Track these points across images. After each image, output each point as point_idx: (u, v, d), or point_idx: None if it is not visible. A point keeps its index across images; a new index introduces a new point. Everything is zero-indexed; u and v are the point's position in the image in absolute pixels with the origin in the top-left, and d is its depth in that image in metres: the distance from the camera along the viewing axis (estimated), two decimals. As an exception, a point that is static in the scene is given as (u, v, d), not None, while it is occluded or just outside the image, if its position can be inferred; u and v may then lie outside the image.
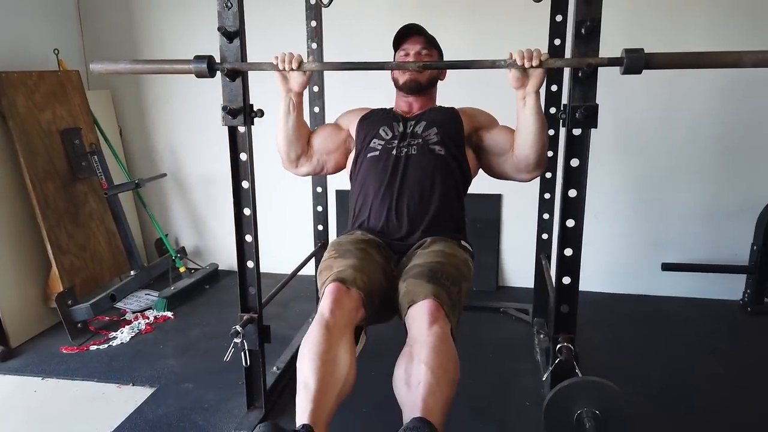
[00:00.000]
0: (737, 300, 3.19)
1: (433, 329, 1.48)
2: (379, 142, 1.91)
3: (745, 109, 3.05)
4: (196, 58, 1.70)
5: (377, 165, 1.89)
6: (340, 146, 2.04)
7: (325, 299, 1.58)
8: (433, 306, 1.53)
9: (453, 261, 1.74)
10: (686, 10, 2.98)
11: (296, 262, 2.74)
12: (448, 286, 1.62)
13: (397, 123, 1.91)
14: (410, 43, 1.98)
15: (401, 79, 1.96)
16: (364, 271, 1.67)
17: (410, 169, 1.85)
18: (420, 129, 1.89)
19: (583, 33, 1.54)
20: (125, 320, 3.01)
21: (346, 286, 1.60)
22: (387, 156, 1.87)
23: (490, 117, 1.98)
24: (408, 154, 1.86)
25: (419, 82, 1.94)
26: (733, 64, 1.49)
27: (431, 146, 1.87)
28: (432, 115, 1.93)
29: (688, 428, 2.08)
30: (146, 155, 3.80)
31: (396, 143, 1.87)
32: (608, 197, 3.21)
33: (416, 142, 1.87)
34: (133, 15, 3.58)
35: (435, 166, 1.86)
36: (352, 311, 1.58)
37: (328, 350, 1.46)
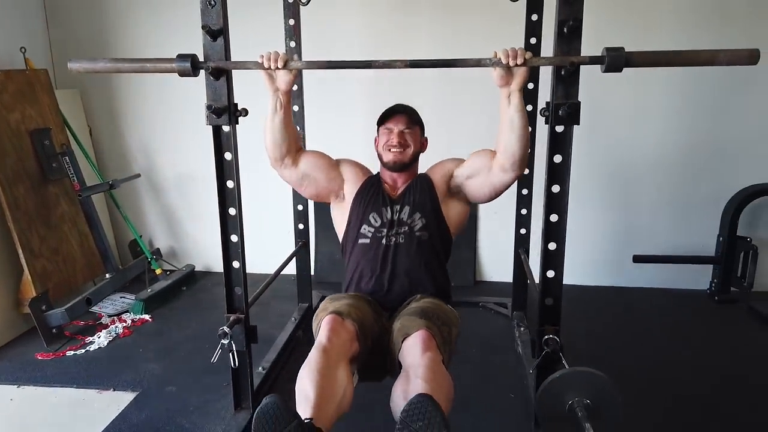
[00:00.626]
0: (705, 290, 3.31)
1: (426, 354, 1.55)
2: (369, 229, 1.98)
3: (711, 106, 3.17)
4: (179, 56, 1.68)
5: (368, 253, 1.97)
6: (326, 181, 2.04)
7: (322, 330, 1.65)
8: (426, 335, 1.62)
9: (442, 309, 1.86)
10: (654, 10, 3.08)
11: (274, 260, 2.73)
12: (439, 324, 1.72)
13: (386, 209, 1.98)
14: (393, 121, 2.04)
15: (385, 156, 2.02)
16: (358, 308, 1.77)
17: (399, 257, 1.94)
18: (405, 215, 1.97)
19: (565, 32, 1.58)
20: (101, 324, 2.95)
21: (341, 317, 1.68)
22: (377, 245, 1.95)
23: (454, 159, 2.05)
24: (396, 243, 1.95)
25: (403, 161, 2.01)
26: (708, 62, 1.54)
27: (417, 233, 1.95)
28: (414, 196, 2.00)
29: (662, 413, 2.15)
30: (118, 155, 3.73)
31: (385, 232, 1.96)
32: (580, 192, 3.27)
33: (403, 230, 1.95)
34: (103, 13, 3.50)
35: (422, 253, 1.95)
36: (347, 342, 1.65)
37: (327, 368, 1.51)
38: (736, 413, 2.16)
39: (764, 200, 3.14)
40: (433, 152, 3.31)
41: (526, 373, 2.27)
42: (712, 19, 3.05)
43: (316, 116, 2.97)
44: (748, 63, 1.53)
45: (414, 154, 2.03)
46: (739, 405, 2.21)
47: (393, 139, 2.00)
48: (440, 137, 3.36)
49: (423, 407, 1.33)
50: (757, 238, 3.14)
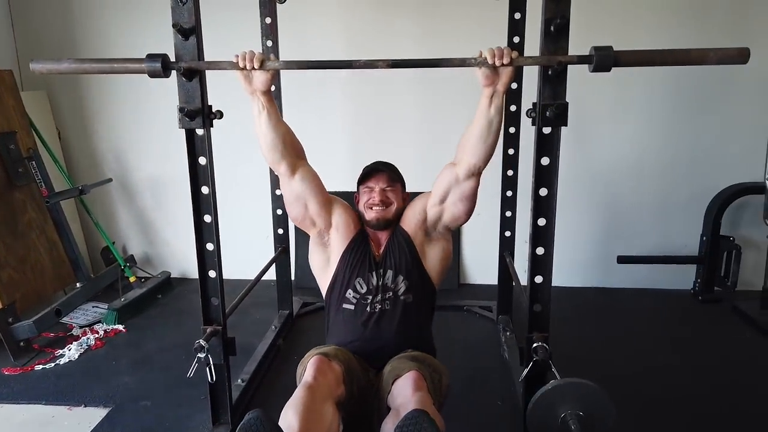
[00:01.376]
0: (689, 289, 3.30)
1: (417, 394, 1.50)
2: (354, 295, 1.92)
3: (693, 104, 3.16)
4: (149, 56, 1.59)
5: (353, 321, 1.91)
6: (316, 213, 1.94)
7: (308, 370, 1.60)
8: (417, 376, 1.58)
9: (433, 360, 1.83)
10: (638, 9, 3.06)
11: (252, 266, 2.66)
12: (430, 371, 1.68)
13: (371, 274, 1.93)
14: (374, 180, 1.98)
15: (368, 215, 1.96)
16: (344, 353, 1.75)
17: (384, 323, 1.89)
18: (389, 280, 1.92)
19: (552, 30, 1.53)
20: (72, 336, 2.83)
21: (328, 358, 1.64)
22: (362, 312, 1.91)
23: (420, 197, 1.98)
24: (382, 309, 1.90)
25: (386, 218, 1.96)
26: (699, 61, 1.51)
27: (401, 297, 1.91)
28: (394, 257, 1.94)
29: (648, 413, 2.13)
30: (89, 159, 3.60)
31: (370, 299, 1.91)
32: (563, 194, 3.23)
33: (388, 296, 1.91)
34: (71, 11, 3.38)
35: (408, 314, 1.91)
36: (333, 382, 1.60)
37: (312, 403, 1.47)
38: (723, 413, 2.13)
39: (746, 199, 3.14)
40: (417, 152, 3.28)
41: (514, 379, 2.22)
42: (696, 18, 3.04)
43: (297, 117, 2.90)
44: (738, 62, 1.50)
45: (396, 212, 1.98)
46: (725, 404, 2.19)
47: (375, 198, 1.95)
48: (423, 136, 3.35)
49: (418, 422, 1.31)
50: (739, 238, 3.15)
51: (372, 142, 3.35)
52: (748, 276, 3.24)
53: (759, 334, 2.78)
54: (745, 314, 2.94)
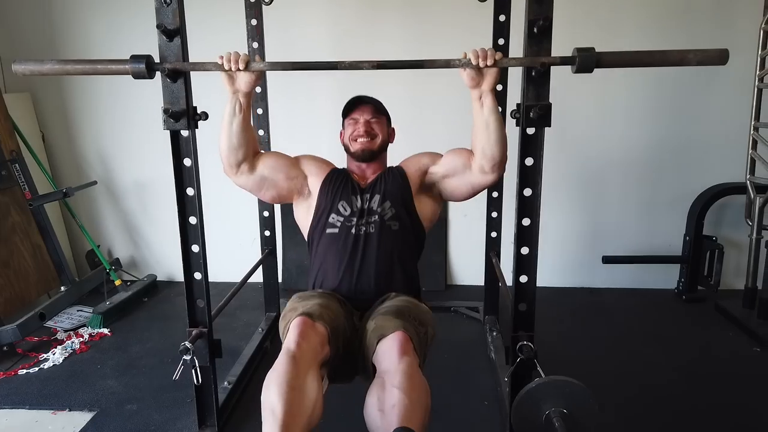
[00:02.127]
0: (672, 289, 3.34)
1: (404, 359, 1.47)
2: (337, 218, 1.89)
3: (676, 106, 3.20)
4: (133, 57, 1.59)
5: (336, 243, 1.88)
6: (288, 181, 1.93)
7: (291, 333, 1.53)
8: (402, 338, 1.53)
9: (418, 308, 1.77)
10: (621, 10, 3.10)
11: (240, 268, 2.65)
12: (416, 325, 1.65)
13: (355, 197, 1.90)
14: (359, 111, 1.97)
15: (353, 146, 1.95)
16: (329, 309, 1.67)
17: (369, 247, 1.85)
18: (375, 204, 1.89)
19: (535, 32, 1.55)
20: (57, 340, 2.80)
21: (312, 319, 1.57)
22: (346, 235, 1.86)
23: (430, 154, 1.98)
24: (367, 232, 1.86)
25: (371, 149, 1.94)
26: (678, 62, 1.53)
27: (387, 222, 1.88)
28: (384, 185, 1.92)
29: (634, 412, 2.14)
30: (73, 162, 3.57)
31: (354, 221, 1.87)
32: (549, 194, 3.26)
33: (373, 219, 1.87)
34: (52, 13, 3.35)
35: (393, 244, 1.87)
36: (318, 346, 1.54)
37: (295, 379, 1.41)
38: (706, 410, 2.16)
39: (728, 200, 3.19)
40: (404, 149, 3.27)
41: (500, 379, 2.23)
42: (679, 20, 3.09)
43: (283, 118, 2.90)
44: (717, 63, 1.52)
45: (382, 144, 1.96)
46: (708, 401, 2.21)
47: (360, 129, 1.93)
48: (410, 135, 3.34)
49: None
50: (722, 238, 3.19)
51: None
52: (731, 275, 3.29)
53: (741, 332, 2.81)
54: (727, 313, 2.97)
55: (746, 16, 2.97)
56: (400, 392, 1.38)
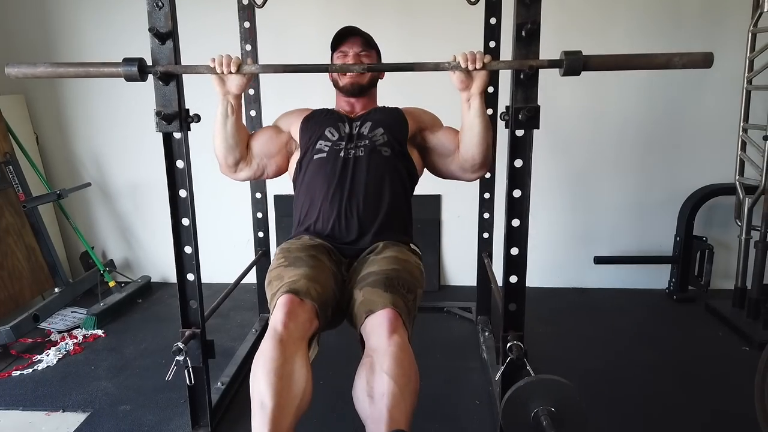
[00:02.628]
0: (663, 289, 3.37)
1: (393, 338, 1.46)
2: (325, 143, 1.85)
3: (666, 108, 3.23)
4: (126, 60, 1.60)
5: (325, 167, 1.84)
6: (281, 149, 1.96)
7: (278, 311, 1.50)
8: (392, 315, 1.51)
9: (407, 267, 1.74)
10: (611, 14, 3.12)
11: (234, 269, 2.66)
12: (404, 293, 1.62)
13: (343, 124, 1.87)
14: (348, 44, 1.94)
15: (341, 80, 1.92)
16: (317, 280, 1.62)
17: (359, 171, 1.82)
18: (366, 130, 1.86)
19: (523, 35, 1.57)
20: (51, 341, 2.80)
21: (299, 297, 1.54)
22: (335, 158, 1.83)
23: (434, 117, 1.97)
24: (356, 155, 1.82)
25: (360, 84, 1.92)
26: (664, 66, 1.55)
27: (378, 147, 1.84)
28: (377, 115, 1.90)
29: (624, 411, 2.16)
30: (67, 163, 3.57)
31: (343, 145, 1.83)
32: (540, 195, 3.30)
33: (363, 143, 1.84)
34: (45, 15, 3.35)
35: (384, 168, 1.84)
36: (306, 323, 1.51)
37: (283, 365, 1.39)
38: (696, 409, 2.18)
39: (718, 200, 3.21)
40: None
41: (492, 378, 2.25)
42: (666, 23, 3.11)
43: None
44: (703, 66, 1.54)
45: (372, 78, 1.93)
46: (698, 400, 2.23)
47: (350, 62, 1.91)
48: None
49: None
50: (712, 238, 3.22)
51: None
52: (721, 275, 3.31)
53: (731, 332, 2.84)
54: (718, 313, 3.00)
55: (735, 19, 3.00)
56: (389, 379, 1.38)
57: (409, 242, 1.90)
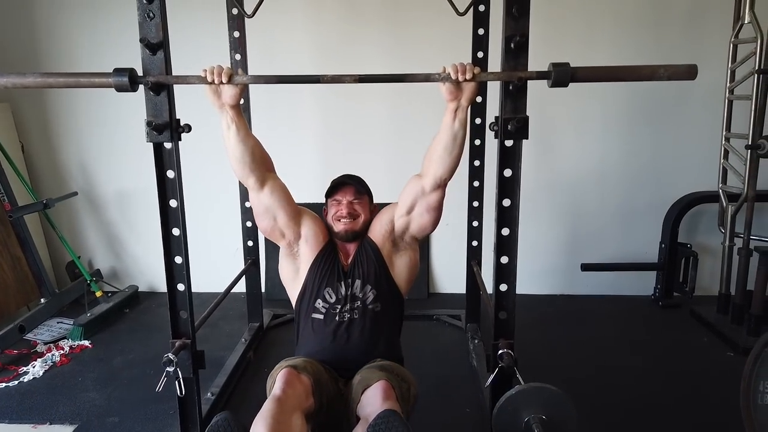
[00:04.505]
0: (649, 295, 3.41)
1: (387, 403, 1.53)
2: (323, 304, 1.96)
3: (651, 117, 3.28)
4: (116, 71, 1.60)
5: (322, 330, 1.94)
6: (286, 225, 1.95)
7: (277, 383, 1.61)
8: (386, 386, 1.61)
9: (401, 369, 1.87)
10: (597, 26, 3.18)
11: (222, 278, 2.65)
12: (399, 381, 1.73)
13: (340, 284, 1.96)
14: (341, 193, 2.02)
15: (336, 227, 2.00)
16: (313, 364, 1.76)
17: (353, 332, 1.92)
18: (358, 290, 1.96)
19: (512, 47, 1.59)
20: (37, 353, 2.77)
21: (296, 371, 1.66)
22: (331, 321, 1.93)
23: (388, 207, 2.01)
24: (351, 318, 1.93)
25: (354, 230, 1.99)
26: (649, 77, 1.58)
27: (369, 306, 1.95)
28: (363, 267, 1.98)
29: (612, 417, 2.19)
30: (53, 173, 3.55)
31: (339, 309, 1.94)
32: (529, 204, 3.32)
33: (357, 305, 1.94)
34: (34, 24, 3.33)
35: (375, 324, 1.94)
36: (302, 395, 1.61)
37: (281, 416, 1.48)
38: (682, 414, 2.21)
39: (702, 208, 3.27)
40: (386, 162, 3.32)
41: (482, 386, 2.26)
42: (650, 35, 3.17)
43: (266, 130, 2.91)
44: (687, 78, 1.57)
45: (364, 223, 2.02)
46: (685, 406, 2.27)
47: (342, 210, 1.99)
48: (392, 146, 3.39)
49: (389, 420, 1.38)
50: (696, 245, 3.27)
51: (341, 154, 3.39)
52: (705, 281, 3.37)
53: (716, 337, 2.88)
54: (702, 318, 3.05)
55: (717, 31, 3.06)
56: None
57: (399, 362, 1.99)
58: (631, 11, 3.17)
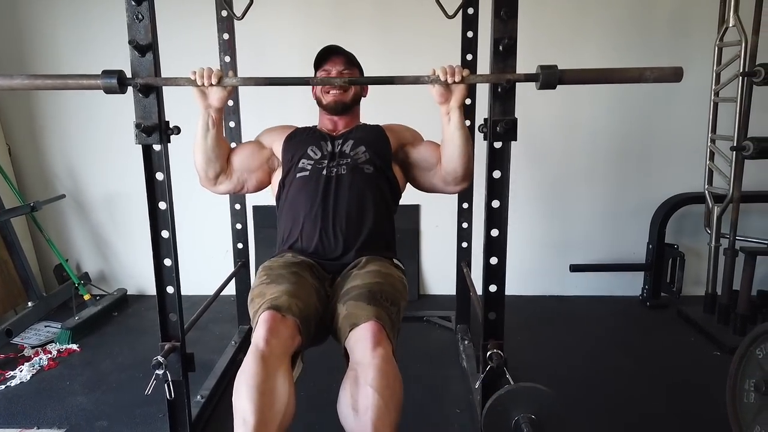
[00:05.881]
0: (637, 296, 3.44)
1: (377, 351, 1.47)
2: (308, 162, 1.87)
3: (638, 119, 3.32)
4: (105, 72, 1.59)
5: (307, 185, 1.85)
6: (262, 165, 1.97)
7: (259, 328, 1.51)
8: (375, 328, 1.52)
9: (390, 281, 1.75)
10: (584, 28, 3.20)
11: (212, 281, 2.64)
12: (387, 306, 1.63)
13: (325, 142, 1.88)
14: (331, 63, 1.96)
15: (325, 99, 1.93)
16: (299, 296, 1.63)
17: (341, 189, 1.84)
18: (348, 148, 1.88)
19: (501, 50, 1.60)
20: (24, 356, 2.75)
21: (281, 313, 1.54)
22: (317, 176, 1.84)
23: (414, 133, 2.00)
24: (338, 174, 1.84)
25: (344, 101, 1.93)
26: (636, 80, 1.60)
27: (360, 165, 1.86)
28: (358, 133, 1.92)
29: (601, 416, 2.20)
30: (40, 175, 3.52)
31: (326, 163, 1.85)
32: (517, 205, 3.35)
33: (345, 161, 1.86)
34: (20, 25, 3.31)
35: (366, 186, 1.86)
36: (288, 339, 1.52)
37: (266, 381, 1.40)
38: (670, 413, 2.23)
39: (688, 209, 3.31)
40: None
41: (472, 387, 2.27)
42: (637, 38, 3.21)
43: (255, 130, 2.91)
44: (673, 80, 1.59)
45: (355, 96, 1.95)
46: (672, 405, 2.29)
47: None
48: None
49: None
50: (683, 246, 3.30)
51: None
52: (692, 282, 3.40)
53: (703, 337, 2.91)
54: (689, 318, 3.08)
55: (702, 34, 3.10)
56: (373, 392, 1.39)
57: (392, 257, 1.92)
58: (618, 15, 3.20)
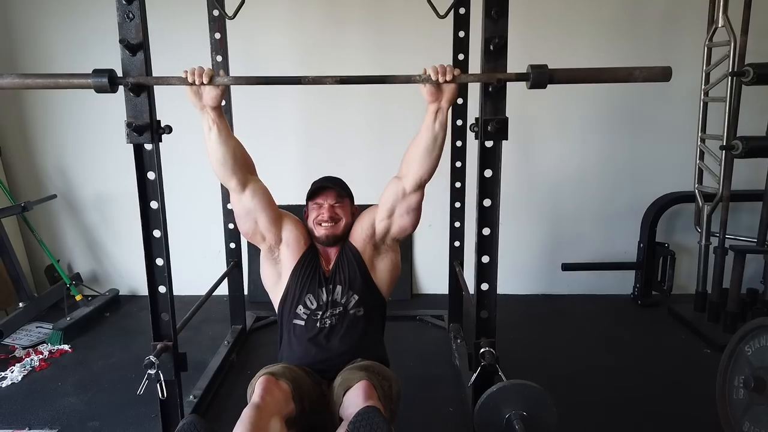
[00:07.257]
0: (628, 294, 3.46)
1: (368, 402, 1.52)
2: (304, 311, 1.95)
3: (629, 119, 3.34)
4: (96, 71, 1.59)
5: (303, 336, 1.94)
6: (266, 231, 1.94)
7: (256, 390, 1.61)
8: (367, 385, 1.61)
9: (383, 368, 1.86)
10: (575, 28, 3.22)
11: (204, 281, 2.63)
12: (380, 379, 1.72)
13: (321, 290, 1.96)
14: (323, 196, 2.01)
15: (317, 231, 1.99)
16: (293, 371, 1.76)
17: (334, 338, 1.92)
18: (339, 295, 1.95)
19: (491, 49, 1.62)
20: (15, 357, 2.73)
21: (275, 378, 1.65)
22: (312, 327, 1.93)
23: (368, 210, 2.01)
24: (331, 324, 1.93)
25: (335, 234, 1.99)
26: (626, 79, 1.62)
27: (351, 311, 1.95)
28: (344, 272, 1.97)
29: (592, 413, 2.22)
30: (31, 175, 3.50)
31: (320, 315, 1.94)
32: (510, 204, 3.35)
33: (338, 311, 1.94)
34: (10, 24, 3.29)
35: (357, 329, 1.94)
36: (282, 401, 1.61)
37: (259, 422, 1.49)
38: (660, 410, 2.25)
39: (679, 208, 3.33)
40: (367, 163, 3.32)
41: (464, 385, 2.28)
42: (627, 38, 3.23)
43: (248, 131, 2.90)
44: (662, 79, 1.61)
45: (346, 227, 2.01)
46: (663, 402, 2.31)
47: (324, 214, 1.97)
48: (373, 147, 3.40)
49: (370, 417, 1.39)
50: (674, 244, 3.32)
51: (323, 155, 3.39)
52: (683, 280, 3.43)
53: (693, 335, 2.94)
54: (680, 317, 3.10)
55: (692, 34, 3.12)
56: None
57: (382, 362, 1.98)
58: (608, 14, 3.22)
